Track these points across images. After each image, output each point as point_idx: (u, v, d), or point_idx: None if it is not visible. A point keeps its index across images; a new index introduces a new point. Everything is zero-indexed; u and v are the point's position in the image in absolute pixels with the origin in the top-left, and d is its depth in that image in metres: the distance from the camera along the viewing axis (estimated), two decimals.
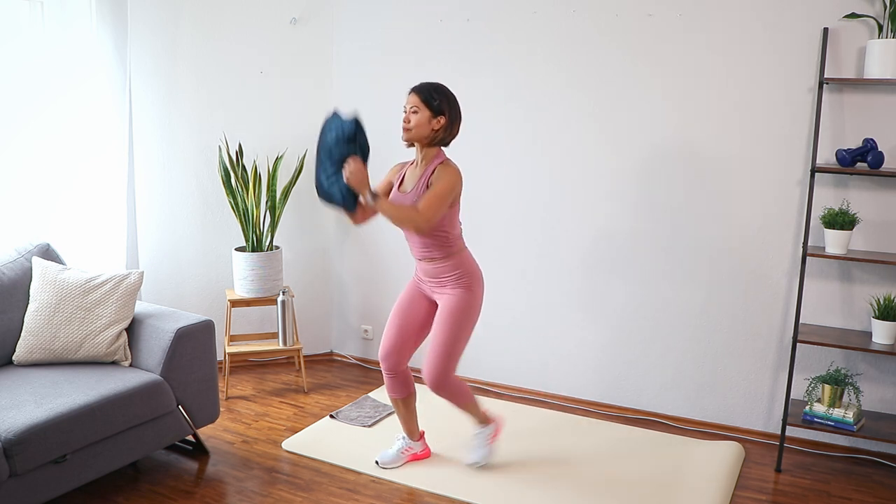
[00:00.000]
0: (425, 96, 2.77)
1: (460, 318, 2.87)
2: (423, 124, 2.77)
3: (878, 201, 3.13)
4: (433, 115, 2.77)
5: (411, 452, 3.16)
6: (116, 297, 3.06)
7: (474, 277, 2.91)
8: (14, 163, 3.40)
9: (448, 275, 2.88)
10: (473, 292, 2.89)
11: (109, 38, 3.66)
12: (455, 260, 2.87)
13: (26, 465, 2.45)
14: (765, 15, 3.20)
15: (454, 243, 2.87)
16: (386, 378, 3.03)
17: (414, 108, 2.77)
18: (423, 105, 2.76)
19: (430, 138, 2.80)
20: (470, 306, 2.88)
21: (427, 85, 2.80)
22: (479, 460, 3.11)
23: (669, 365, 3.62)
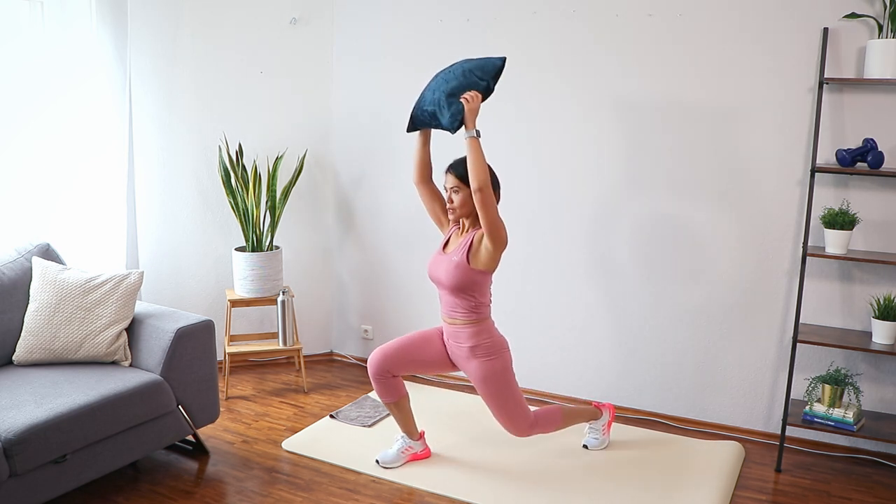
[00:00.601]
0: (462, 175, 2.85)
1: (501, 384, 2.95)
2: (466, 202, 2.88)
3: (878, 201, 3.13)
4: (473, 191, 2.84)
5: (411, 452, 3.16)
6: (116, 297, 3.06)
7: (498, 346, 2.98)
8: (14, 163, 3.40)
9: (466, 343, 2.94)
10: (502, 357, 2.97)
11: (109, 38, 3.66)
12: (476, 328, 2.93)
13: (26, 465, 2.45)
14: (765, 15, 3.20)
15: (481, 311, 2.94)
16: (374, 382, 3.03)
17: (454, 188, 2.88)
18: (462, 183, 2.86)
19: (475, 212, 2.88)
20: (503, 370, 2.96)
21: (461, 162, 2.87)
22: (593, 445, 3.28)
23: (669, 365, 3.62)
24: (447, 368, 3.10)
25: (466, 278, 2.86)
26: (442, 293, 2.98)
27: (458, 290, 2.88)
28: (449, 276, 2.88)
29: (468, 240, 2.88)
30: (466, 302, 2.91)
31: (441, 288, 2.97)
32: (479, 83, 2.86)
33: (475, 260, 2.85)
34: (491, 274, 2.93)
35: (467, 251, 2.86)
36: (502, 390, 2.95)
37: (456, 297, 2.91)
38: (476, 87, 2.85)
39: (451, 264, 2.88)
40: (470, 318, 2.92)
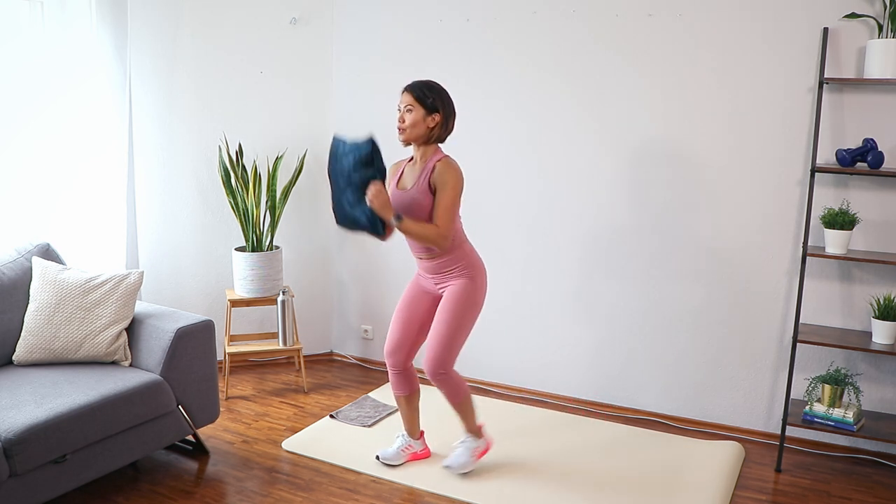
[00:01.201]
0: (418, 94, 2.78)
1: (463, 308, 2.87)
2: (418, 123, 2.79)
3: (878, 201, 3.13)
4: (428, 112, 2.78)
5: (412, 451, 3.16)
6: (116, 297, 3.06)
7: (476, 268, 2.92)
8: (14, 163, 3.40)
9: (450, 268, 2.90)
10: (476, 282, 2.90)
11: (109, 38, 3.66)
12: (456, 253, 2.89)
13: (26, 465, 2.45)
14: (765, 15, 3.20)
15: (457, 237, 2.89)
16: (391, 375, 3.05)
17: (408, 106, 2.79)
18: (417, 103, 2.78)
19: (426, 136, 2.81)
20: (473, 296, 2.89)
21: (420, 83, 2.81)
22: (456, 467, 3.03)
23: (669, 365, 3.63)
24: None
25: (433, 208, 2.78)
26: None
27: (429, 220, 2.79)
28: (413, 211, 2.79)
29: (425, 172, 2.79)
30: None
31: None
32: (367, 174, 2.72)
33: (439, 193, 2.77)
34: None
35: (428, 181, 2.77)
36: (464, 314, 2.86)
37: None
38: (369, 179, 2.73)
39: (414, 199, 2.79)
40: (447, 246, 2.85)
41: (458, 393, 2.96)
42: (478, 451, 3.09)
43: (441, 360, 2.87)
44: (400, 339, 3.01)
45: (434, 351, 2.88)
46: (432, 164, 2.81)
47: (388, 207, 2.72)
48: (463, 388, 2.97)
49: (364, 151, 2.72)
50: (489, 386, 4.05)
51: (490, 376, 4.06)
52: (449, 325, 2.86)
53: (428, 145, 2.84)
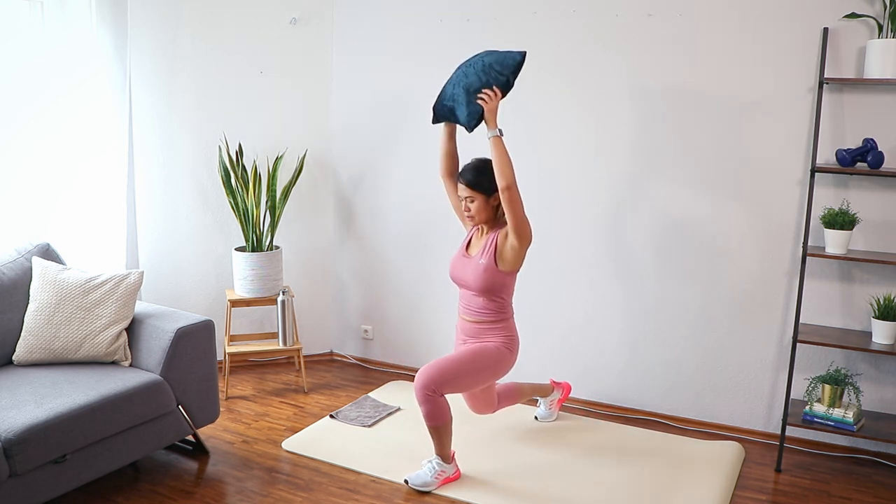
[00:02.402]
0: (474, 183, 2.87)
1: (488, 362, 2.93)
2: (483, 209, 2.90)
3: (878, 201, 3.13)
4: (487, 196, 2.87)
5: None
6: (116, 297, 3.06)
7: (514, 342, 3.00)
8: (14, 163, 3.40)
9: (488, 338, 2.97)
10: (511, 354, 2.99)
11: (109, 38, 3.66)
12: (501, 326, 2.96)
13: (26, 465, 2.45)
14: (765, 15, 3.20)
15: (505, 311, 2.97)
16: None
17: (469, 197, 2.89)
18: (475, 192, 2.88)
19: (494, 216, 2.93)
20: (501, 361, 2.96)
21: (470, 169, 2.90)
22: (417, 484, 2.92)
23: (669, 365, 3.63)
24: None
25: (495, 280, 2.88)
26: (465, 294, 2.99)
27: (487, 292, 2.90)
28: (478, 279, 2.89)
29: (492, 240, 2.89)
30: (493, 303, 2.93)
31: (466, 290, 2.97)
32: (499, 78, 2.83)
33: (502, 261, 2.87)
34: (516, 273, 2.94)
35: (493, 252, 2.87)
36: (483, 366, 2.91)
37: (482, 299, 2.93)
38: (496, 82, 2.83)
39: (479, 268, 2.89)
40: (495, 317, 2.95)
41: (439, 417, 2.86)
42: (443, 476, 2.95)
43: (439, 383, 2.82)
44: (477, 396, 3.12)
45: (436, 371, 2.83)
46: (496, 235, 2.90)
47: (495, 115, 2.81)
48: (445, 413, 2.87)
49: (517, 57, 2.83)
50: None
51: None
52: (465, 362, 2.91)
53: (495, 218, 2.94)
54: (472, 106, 2.83)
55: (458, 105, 2.87)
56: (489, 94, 2.81)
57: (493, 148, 2.78)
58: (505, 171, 2.75)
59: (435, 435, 2.92)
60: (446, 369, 2.85)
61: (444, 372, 2.84)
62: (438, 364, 2.87)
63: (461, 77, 2.90)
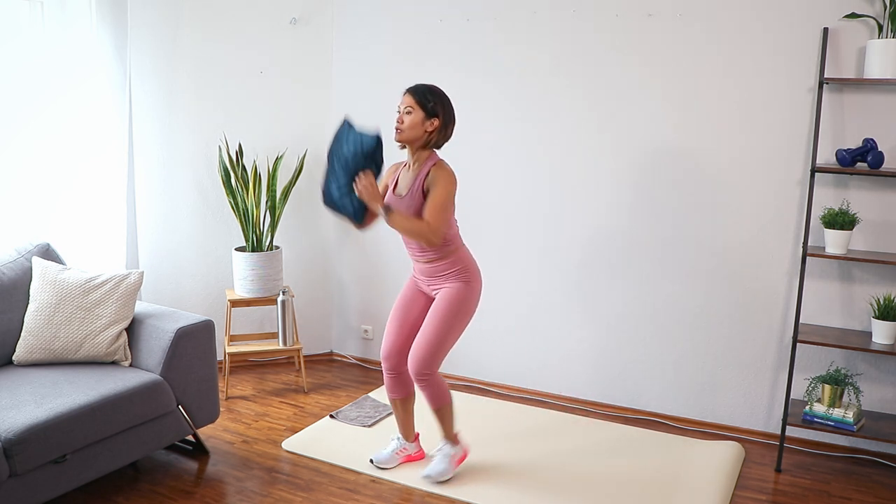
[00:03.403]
0: (420, 97, 2.77)
1: (455, 311, 2.86)
2: (416, 125, 2.78)
3: (878, 201, 3.13)
4: (427, 116, 2.77)
5: (406, 454, 3.15)
6: (116, 297, 3.06)
7: (471, 272, 2.91)
8: (14, 163, 3.40)
9: (445, 272, 2.89)
10: (471, 286, 2.90)
11: (109, 38, 3.66)
12: (453, 258, 2.88)
13: (26, 465, 2.45)
14: (765, 15, 3.20)
15: (451, 242, 2.88)
16: (386, 378, 3.03)
17: (408, 108, 2.78)
18: (418, 106, 2.77)
19: (423, 140, 2.80)
20: (466, 300, 2.88)
21: (422, 86, 2.81)
22: (435, 475, 2.98)
23: (669, 365, 3.62)
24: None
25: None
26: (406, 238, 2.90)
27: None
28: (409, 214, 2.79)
29: (420, 182, 2.79)
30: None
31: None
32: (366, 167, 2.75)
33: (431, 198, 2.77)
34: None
35: (422, 192, 2.78)
36: (455, 317, 2.86)
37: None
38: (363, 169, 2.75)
39: (410, 209, 2.79)
40: (443, 251, 2.86)
41: (441, 398, 2.92)
42: (456, 458, 3.04)
43: (427, 361, 2.84)
44: (396, 343, 3.00)
45: (420, 352, 2.85)
46: (426, 169, 2.80)
47: (378, 199, 2.74)
48: (446, 393, 2.93)
49: (368, 144, 2.74)
50: (490, 386, 4.05)
51: (491, 377, 4.06)
52: (439, 327, 2.85)
53: (423, 150, 2.83)
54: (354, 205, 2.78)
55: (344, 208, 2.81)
56: (362, 186, 2.73)
57: (395, 226, 2.74)
58: (418, 232, 2.73)
59: (440, 417, 2.97)
60: (427, 345, 2.84)
61: (428, 348, 2.84)
62: (419, 345, 2.86)
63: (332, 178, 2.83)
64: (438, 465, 3.01)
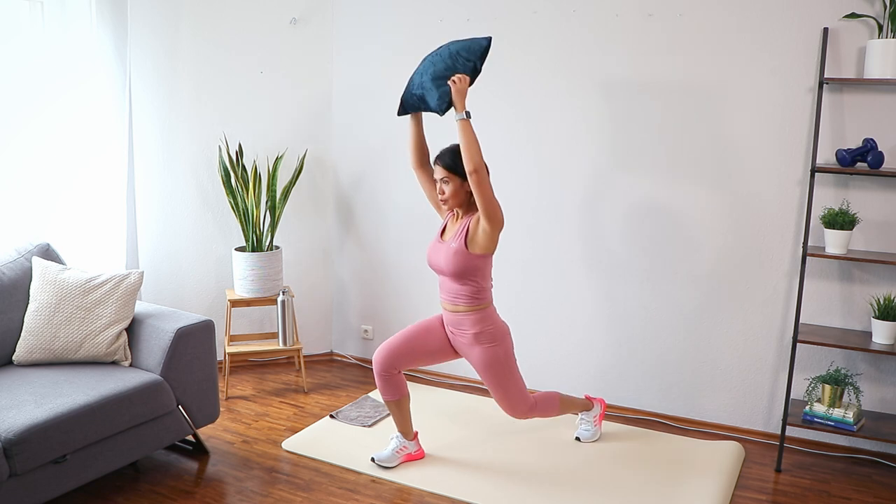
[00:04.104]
0: (451, 166, 2.86)
1: (502, 368, 2.97)
2: (458, 192, 2.90)
3: (878, 201, 3.13)
4: (462, 180, 2.86)
5: (406, 452, 3.16)
6: (116, 297, 3.06)
7: (502, 332, 2.99)
8: (14, 163, 3.40)
9: (470, 330, 2.95)
10: (505, 345, 2.99)
11: (109, 38, 3.66)
12: (479, 314, 2.94)
13: (26, 465, 2.45)
14: (765, 15, 3.20)
15: (483, 297, 2.95)
16: (378, 379, 3.04)
17: (444, 178, 2.89)
18: (451, 174, 2.87)
19: (468, 201, 2.92)
20: (505, 357, 2.98)
21: (448, 153, 2.89)
22: (586, 437, 3.34)
23: (669, 365, 3.62)
24: (449, 357, 3.11)
25: (467, 264, 2.87)
26: (443, 280, 2.98)
27: (460, 276, 2.89)
28: (449, 262, 2.88)
29: (465, 225, 2.89)
30: (469, 288, 2.91)
31: (442, 275, 2.97)
32: (466, 64, 2.88)
33: (473, 244, 2.86)
34: (490, 256, 2.92)
35: (465, 236, 2.87)
36: (504, 375, 2.98)
37: (457, 284, 2.92)
38: (463, 68, 2.87)
39: (450, 251, 2.88)
40: (472, 304, 2.92)
41: (552, 409, 3.17)
42: (596, 417, 3.39)
43: (516, 407, 3.04)
44: (399, 349, 3.02)
45: (507, 407, 3.04)
46: (469, 220, 2.89)
47: (464, 97, 2.81)
48: (552, 404, 3.17)
49: (483, 43, 2.88)
50: None
51: None
52: (499, 383, 2.99)
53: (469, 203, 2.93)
54: (442, 90, 2.86)
55: (428, 92, 2.89)
56: (458, 77, 2.84)
57: (461, 131, 2.78)
58: (472, 153, 2.75)
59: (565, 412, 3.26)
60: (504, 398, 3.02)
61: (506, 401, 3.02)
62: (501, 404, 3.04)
63: (429, 66, 2.92)
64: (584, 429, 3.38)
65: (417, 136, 3.09)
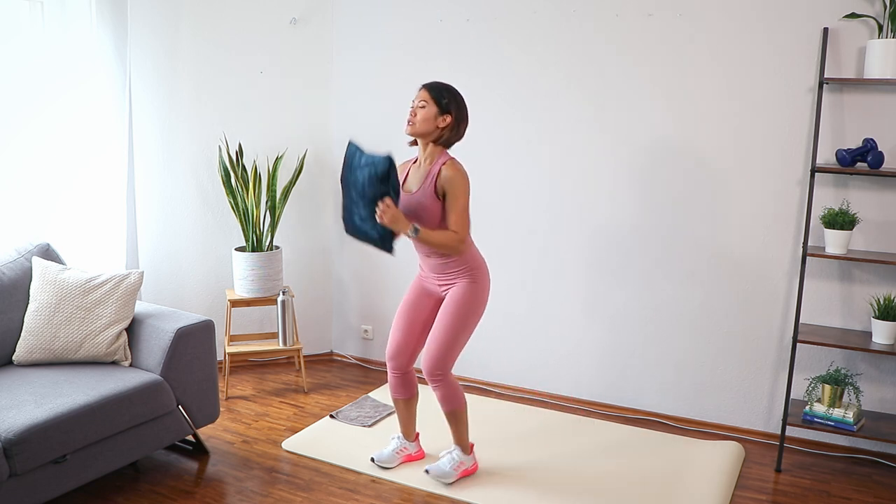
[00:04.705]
0: (435, 93, 2.79)
1: (465, 309, 2.86)
2: (429, 120, 2.78)
3: (878, 201, 3.13)
4: (440, 112, 2.78)
5: (406, 453, 3.16)
6: (116, 297, 3.06)
7: (480, 270, 2.91)
8: (14, 163, 3.40)
9: (454, 269, 2.89)
10: (479, 284, 2.89)
11: (109, 38, 3.66)
12: (463, 256, 2.88)
13: (26, 465, 2.45)
14: (765, 15, 3.20)
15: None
16: (391, 378, 3.04)
17: (422, 102, 2.80)
18: (432, 101, 2.79)
19: (433, 135, 2.81)
20: (475, 298, 2.88)
21: (438, 83, 2.83)
22: (437, 475, 2.98)
23: (669, 365, 3.63)
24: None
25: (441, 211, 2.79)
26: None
27: (436, 225, 2.80)
28: (420, 212, 2.79)
29: (432, 179, 2.78)
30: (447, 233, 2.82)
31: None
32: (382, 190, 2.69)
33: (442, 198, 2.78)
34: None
35: (434, 188, 2.77)
36: (466, 316, 2.85)
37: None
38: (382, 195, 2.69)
39: (420, 205, 2.79)
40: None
41: (454, 400, 2.91)
42: (462, 467, 3.00)
43: (440, 362, 2.85)
44: (402, 343, 3.00)
45: (433, 353, 2.86)
46: (437, 167, 2.79)
47: (402, 222, 2.69)
48: (459, 396, 2.93)
49: (381, 168, 2.67)
50: (491, 387, 4.05)
51: (491, 377, 4.06)
52: (450, 327, 2.85)
53: (435, 146, 2.83)
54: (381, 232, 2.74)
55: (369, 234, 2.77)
56: (382, 211, 2.68)
57: (424, 243, 2.74)
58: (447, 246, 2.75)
59: (452, 421, 2.95)
60: (440, 345, 2.84)
61: (439, 349, 2.84)
62: (431, 346, 2.86)
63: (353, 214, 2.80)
64: (443, 466, 3.00)
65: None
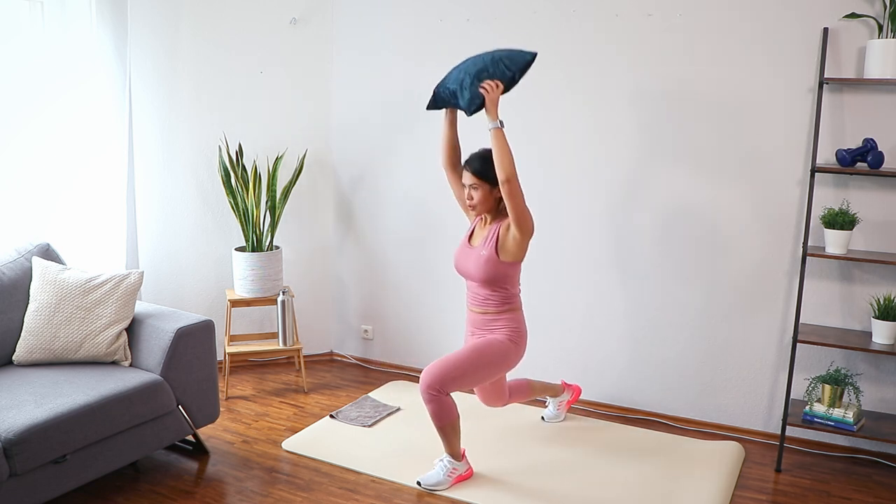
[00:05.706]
0: (481, 173, 2.87)
1: (490, 352, 2.93)
2: (486, 198, 2.90)
3: (878, 201, 3.13)
4: (492, 186, 2.87)
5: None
6: (116, 297, 3.06)
7: (520, 334, 2.99)
8: (14, 163, 3.40)
9: (497, 327, 2.96)
10: (516, 345, 2.97)
11: (109, 38, 3.66)
12: (507, 317, 2.95)
13: (26, 465, 2.45)
14: (765, 15, 3.20)
15: (512, 301, 2.97)
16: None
17: (473, 185, 2.89)
18: (480, 180, 2.87)
19: (496, 207, 2.93)
20: (505, 351, 2.94)
21: (477, 158, 2.90)
22: (431, 484, 2.93)
23: (669, 365, 3.62)
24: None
25: (497, 271, 2.88)
26: (471, 285, 2.99)
27: (490, 283, 2.90)
28: (479, 270, 2.89)
29: (494, 231, 2.89)
30: (498, 294, 2.93)
31: (471, 281, 2.97)
32: (506, 73, 2.86)
33: (504, 252, 2.87)
34: (520, 264, 2.94)
35: (495, 243, 2.87)
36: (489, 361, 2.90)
37: (487, 290, 2.93)
38: (501, 76, 2.86)
39: (480, 258, 2.89)
40: (502, 308, 2.95)
41: (445, 416, 2.86)
42: (456, 473, 2.97)
43: (442, 381, 2.82)
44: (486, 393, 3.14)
45: (440, 369, 2.83)
46: (498, 226, 2.89)
47: (496, 106, 2.81)
48: (452, 412, 2.87)
49: (526, 58, 2.87)
50: None
51: None
52: (468, 359, 2.89)
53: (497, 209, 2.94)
54: (474, 90, 2.86)
55: (462, 89, 2.89)
56: (490, 85, 2.82)
57: (494, 140, 2.79)
58: (504, 163, 2.75)
59: (442, 434, 2.92)
60: (450, 367, 2.84)
61: (447, 370, 2.83)
62: (442, 362, 2.86)
63: (469, 65, 2.92)
64: (436, 475, 2.96)
65: (450, 135, 3.09)
